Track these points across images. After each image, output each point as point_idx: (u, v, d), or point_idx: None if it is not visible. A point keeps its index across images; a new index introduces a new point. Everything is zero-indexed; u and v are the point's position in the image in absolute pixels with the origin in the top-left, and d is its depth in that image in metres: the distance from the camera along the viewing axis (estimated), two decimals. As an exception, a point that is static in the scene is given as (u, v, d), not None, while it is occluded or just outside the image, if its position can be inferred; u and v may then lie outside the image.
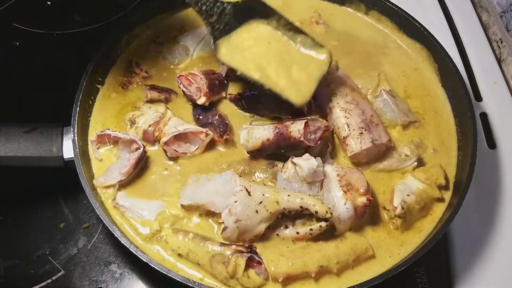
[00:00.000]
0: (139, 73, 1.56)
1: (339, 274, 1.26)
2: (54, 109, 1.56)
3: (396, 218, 1.31)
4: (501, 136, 1.71)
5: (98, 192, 1.36)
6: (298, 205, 1.23)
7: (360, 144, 1.38)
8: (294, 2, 1.79)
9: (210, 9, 1.39)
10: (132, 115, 1.46)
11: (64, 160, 1.36)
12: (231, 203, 1.25)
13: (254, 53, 1.41)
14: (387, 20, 1.73)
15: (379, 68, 1.62)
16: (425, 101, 1.58)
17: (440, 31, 1.84)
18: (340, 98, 1.44)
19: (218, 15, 1.39)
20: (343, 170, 1.31)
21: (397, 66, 1.64)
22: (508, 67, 1.92)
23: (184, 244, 1.27)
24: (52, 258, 1.44)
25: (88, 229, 1.49)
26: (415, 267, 1.43)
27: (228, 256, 1.22)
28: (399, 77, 1.62)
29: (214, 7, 1.39)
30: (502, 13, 1.98)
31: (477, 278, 1.45)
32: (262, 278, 1.23)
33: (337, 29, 1.73)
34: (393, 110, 1.48)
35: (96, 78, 1.52)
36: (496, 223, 1.54)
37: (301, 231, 1.27)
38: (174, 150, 1.39)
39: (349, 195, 1.26)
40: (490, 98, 1.80)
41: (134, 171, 1.36)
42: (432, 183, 1.36)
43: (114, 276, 1.42)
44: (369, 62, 1.64)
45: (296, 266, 1.23)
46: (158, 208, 1.34)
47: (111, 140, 1.42)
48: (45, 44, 1.87)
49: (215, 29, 1.40)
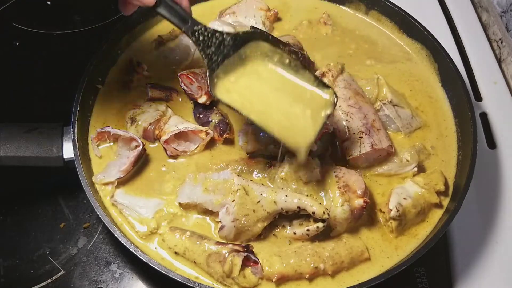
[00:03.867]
0: (140, 72, 1.56)
1: (333, 276, 1.26)
2: (54, 109, 1.56)
3: (391, 220, 1.31)
4: (501, 136, 1.71)
5: (97, 189, 1.36)
6: (295, 205, 1.23)
7: (359, 148, 1.37)
8: (293, 2, 1.79)
9: (208, 40, 1.26)
10: (132, 113, 1.46)
11: (64, 160, 1.36)
12: (229, 202, 1.25)
13: (254, 91, 1.28)
14: (387, 20, 1.73)
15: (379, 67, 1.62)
16: (425, 101, 1.58)
17: (440, 31, 1.84)
18: (342, 101, 1.44)
19: (217, 46, 1.26)
20: (341, 172, 1.31)
21: (398, 69, 1.64)
22: (508, 67, 1.92)
23: (181, 243, 1.26)
24: (52, 258, 1.44)
25: (88, 229, 1.49)
26: (415, 267, 1.43)
27: (225, 255, 1.22)
28: (399, 78, 1.62)
29: (213, 38, 1.26)
30: (502, 13, 1.98)
31: (477, 278, 1.44)
32: (258, 278, 1.23)
33: (338, 29, 1.73)
34: (396, 123, 1.48)
35: (96, 78, 1.53)
36: (496, 223, 1.53)
37: (298, 232, 1.27)
38: (174, 149, 1.40)
39: (346, 197, 1.26)
40: (490, 98, 1.80)
41: (133, 169, 1.36)
42: (431, 188, 1.36)
43: (114, 276, 1.42)
44: (369, 62, 1.64)
45: (290, 266, 1.23)
46: (156, 206, 1.34)
47: (111, 138, 1.42)
48: (45, 44, 1.87)
49: (212, 61, 1.26)
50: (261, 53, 1.29)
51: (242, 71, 1.29)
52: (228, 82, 1.28)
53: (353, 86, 1.48)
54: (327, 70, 1.47)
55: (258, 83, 1.29)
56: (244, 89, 1.28)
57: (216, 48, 1.26)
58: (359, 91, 1.48)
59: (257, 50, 1.29)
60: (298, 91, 1.28)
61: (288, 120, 1.25)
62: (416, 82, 1.62)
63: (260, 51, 1.29)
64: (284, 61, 1.29)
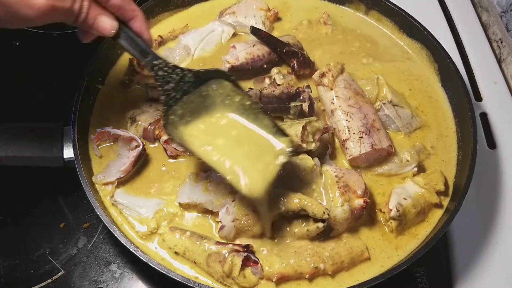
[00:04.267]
0: (140, 72, 1.56)
1: (333, 276, 1.26)
2: (54, 109, 1.56)
3: (391, 220, 1.31)
4: (501, 136, 1.71)
5: (97, 189, 1.36)
6: (295, 205, 1.23)
7: (359, 148, 1.37)
8: (293, 2, 1.79)
9: (168, 75, 1.21)
10: (132, 113, 1.46)
11: (64, 160, 1.36)
12: (229, 202, 1.25)
13: (208, 136, 1.22)
14: (387, 20, 1.73)
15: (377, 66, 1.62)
16: (424, 101, 1.58)
17: (440, 31, 1.84)
18: (342, 101, 1.43)
19: (177, 82, 1.21)
20: (341, 172, 1.31)
21: (397, 67, 1.64)
22: (508, 67, 1.92)
23: (181, 242, 1.26)
24: (52, 258, 1.44)
25: (88, 229, 1.49)
26: (415, 267, 1.43)
27: (225, 255, 1.22)
28: (399, 78, 1.62)
29: (173, 73, 1.21)
30: (502, 13, 1.98)
31: (477, 278, 1.44)
32: (258, 278, 1.23)
33: (338, 29, 1.73)
34: (396, 123, 1.48)
35: (96, 78, 1.52)
36: (496, 223, 1.53)
37: (298, 232, 1.27)
38: (174, 149, 1.39)
39: (346, 197, 1.26)
40: (490, 98, 1.80)
41: (133, 169, 1.36)
42: (431, 188, 1.36)
43: (114, 276, 1.42)
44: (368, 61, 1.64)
45: (290, 266, 1.23)
46: (156, 206, 1.34)
47: (111, 138, 1.42)
48: (45, 44, 1.87)
49: (170, 97, 1.21)
50: (222, 93, 1.24)
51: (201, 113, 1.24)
52: (184, 122, 1.22)
53: (353, 86, 1.48)
54: (327, 70, 1.47)
55: (215, 128, 1.23)
56: (200, 133, 1.22)
57: (175, 83, 1.22)
58: (359, 91, 1.47)
59: (219, 89, 1.24)
60: (255, 138, 1.23)
61: (242, 168, 1.18)
62: (416, 81, 1.62)
63: (222, 90, 1.24)
64: (244, 103, 1.24)
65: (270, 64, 1.57)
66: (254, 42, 1.58)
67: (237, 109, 1.24)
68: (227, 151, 1.20)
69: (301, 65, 1.55)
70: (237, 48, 1.55)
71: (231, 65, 1.52)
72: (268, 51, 1.56)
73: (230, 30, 1.67)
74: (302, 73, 1.56)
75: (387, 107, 1.47)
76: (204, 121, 1.23)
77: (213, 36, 1.66)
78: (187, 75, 1.22)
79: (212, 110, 1.24)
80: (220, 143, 1.21)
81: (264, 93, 1.44)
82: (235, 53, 1.54)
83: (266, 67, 1.57)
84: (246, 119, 1.24)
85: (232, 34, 1.67)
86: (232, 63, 1.52)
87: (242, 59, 1.53)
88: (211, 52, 1.64)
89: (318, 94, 1.49)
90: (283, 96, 1.42)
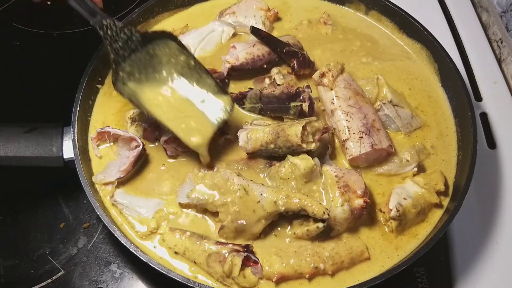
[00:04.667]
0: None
1: (333, 276, 1.26)
2: (54, 109, 1.56)
3: (391, 220, 1.31)
4: (501, 136, 1.71)
5: (97, 189, 1.36)
6: (295, 205, 1.23)
7: (359, 148, 1.37)
8: (293, 2, 1.79)
9: (116, 35, 1.33)
10: (133, 112, 1.46)
11: (64, 160, 1.36)
12: (228, 202, 1.25)
13: (154, 92, 1.36)
14: (387, 20, 1.73)
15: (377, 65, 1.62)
16: (424, 101, 1.58)
17: (440, 31, 1.84)
18: (342, 101, 1.43)
19: (125, 41, 1.33)
20: (341, 172, 1.31)
21: (397, 67, 1.64)
22: (508, 67, 1.92)
23: (181, 242, 1.26)
24: (52, 258, 1.44)
25: (88, 229, 1.49)
26: (415, 267, 1.43)
27: (225, 255, 1.22)
28: (399, 77, 1.62)
29: (121, 33, 1.33)
30: (502, 13, 1.98)
31: (477, 278, 1.44)
32: (258, 278, 1.23)
33: (338, 29, 1.73)
34: (396, 123, 1.48)
35: (96, 78, 1.53)
36: (496, 223, 1.54)
37: (298, 232, 1.27)
38: (174, 149, 1.39)
39: (346, 197, 1.26)
40: (490, 98, 1.80)
41: (133, 169, 1.36)
42: (431, 188, 1.36)
43: (114, 276, 1.42)
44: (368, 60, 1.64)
45: (290, 266, 1.23)
46: (156, 206, 1.34)
47: (111, 138, 1.42)
48: (45, 44, 1.87)
49: (119, 55, 1.34)
50: (168, 52, 1.36)
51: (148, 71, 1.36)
52: (133, 79, 1.35)
53: (353, 86, 1.48)
54: (327, 70, 1.47)
55: (163, 86, 1.36)
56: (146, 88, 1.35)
57: (123, 43, 1.33)
58: (359, 91, 1.47)
59: (165, 48, 1.36)
60: (198, 96, 1.37)
61: (186, 123, 1.33)
62: (416, 81, 1.61)
63: (168, 50, 1.36)
64: (189, 63, 1.37)
65: (270, 64, 1.57)
66: (254, 42, 1.58)
67: (182, 68, 1.37)
68: (174, 109, 1.34)
69: (301, 65, 1.55)
70: (237, 48, 1.55)
71: (231, 65, 1.52)
72: (268, 51, 1.56)
73: (230, 30, 1.67)
74: (302, 73, 1.56)
75: (387, 107, 1.47)
76: (151, 80, 1.36)
77: (213, 36, 1.66)
78: (135, 35, 1.34)
79: (159, 69, 1.37)
80: (167, 102, 1.34)
81: (264, 93, 1.45)
82: (235, 53, 1.54)
83: (266, 67, 1.57)
84: (190, 78, 1.38)
85: (232, 34, 1.67)
86: (232, 63, 1.52)
87: (242, 59, 1.53)
88: (211, 52, 1.64)
89: (318, 94, 1.49)
90: (283, 96, 1.42)
